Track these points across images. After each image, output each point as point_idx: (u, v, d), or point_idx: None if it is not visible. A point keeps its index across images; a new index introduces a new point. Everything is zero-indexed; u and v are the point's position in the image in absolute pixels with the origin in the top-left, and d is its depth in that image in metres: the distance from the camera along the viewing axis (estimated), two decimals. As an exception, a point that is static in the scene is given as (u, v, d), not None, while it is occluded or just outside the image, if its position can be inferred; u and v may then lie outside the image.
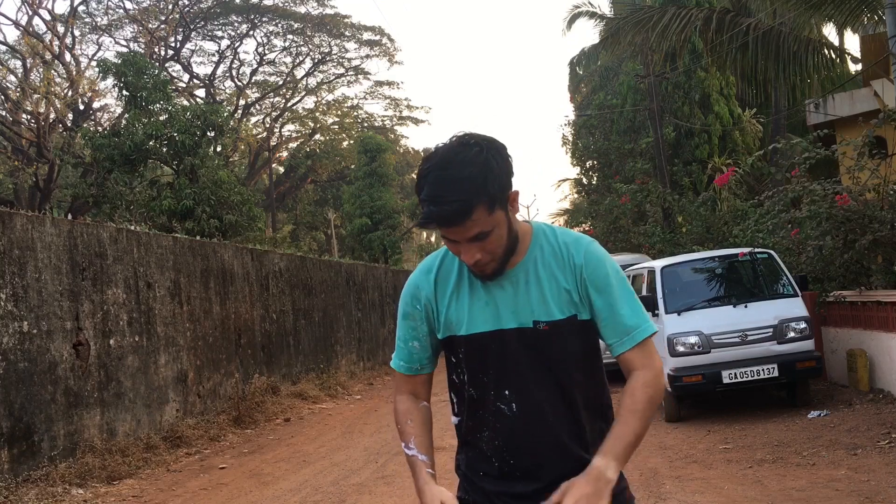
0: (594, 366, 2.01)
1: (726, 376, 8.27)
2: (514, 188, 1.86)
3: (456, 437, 2.15)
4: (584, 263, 1.93)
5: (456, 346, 1.99)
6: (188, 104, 20.31)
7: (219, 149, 23.80)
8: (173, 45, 31.04)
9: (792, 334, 8.40)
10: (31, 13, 24.08)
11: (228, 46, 33.24)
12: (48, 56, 24.47)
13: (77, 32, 27.63)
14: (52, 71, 24.08)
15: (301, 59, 34.78)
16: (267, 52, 33.97)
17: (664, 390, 2.01)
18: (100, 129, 22.51)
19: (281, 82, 35.31)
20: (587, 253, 1.94)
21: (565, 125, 31.59)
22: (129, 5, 29.01)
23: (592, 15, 24.72)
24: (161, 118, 15.92)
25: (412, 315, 2.04)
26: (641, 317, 1.95)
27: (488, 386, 1.96)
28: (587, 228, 23.70)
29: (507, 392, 1.94)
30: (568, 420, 1.95)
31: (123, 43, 29.97)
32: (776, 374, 8.25)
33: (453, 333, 1.98)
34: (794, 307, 8.63)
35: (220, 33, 32.95)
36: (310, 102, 37.23)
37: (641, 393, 1.90)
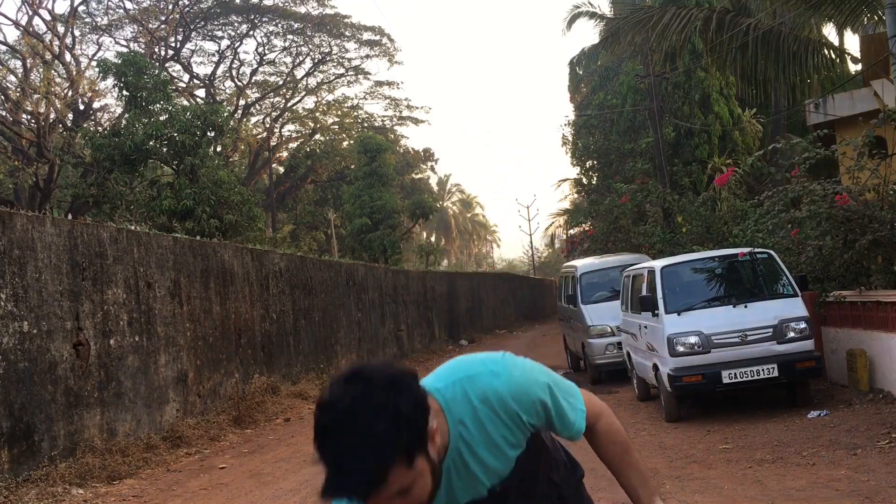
0: (553, 446, 2.00)
1: (726, 376, 8.27)
2: (431, 423, 1.60)
3: None
4: (517, 408, 1.80)
5: None
6: (188, 104, 20.31)
7: (219, 149, 23.83)
8: (173, 45, 31.04)
9: (792, 334, 8.40)
10: (31, 13, 24.09)
11: (228, 46, 33.26)
12: (48, 56, 24.46)
13: (77, 32, 27.65)
14: (52, 71, 24.08)
15: (301, 59, 34.81)
16: (267, 52, 33.99)
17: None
18: (100, 129, 22.52)
19: (281, 82, 35.32)
20: (513, 395, 1.79)
21: (565, 125, 31.61)
22: (129, 5, 29.04)
23: (592, 15, 24.72)
24: (161, 118, 15.92)
25: None
26: (577, 398, 1.95)
27: None
28: (587, 228, 23.71)
29: None
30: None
31: (123, 43, 29.99)
32: (776, 374, 8.25)
33: None
34: (793, 307, 8.62)
35: (220, 33, 32.97)
36: (310, 102, 37.27)
37: (619, 438, 2.01)
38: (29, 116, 23.85)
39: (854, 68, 15.42)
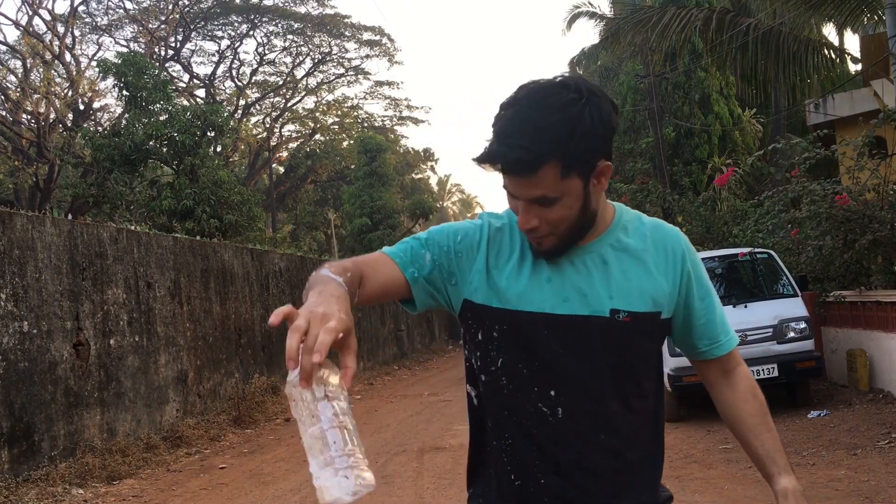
0: (660, 376, 1.65)
1: (726, 376, 8.27)
2: (607, 160, 1.48)
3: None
4: (685, 252, 1.60)
5: (492, 320, 1.54)
6: (188, 104, 20.31)
7: (219, 149, 23.82)
8: (173, 45, 31.03)
9: (792, 334, 8.41)
10: (31, 13, 24.09)
11: (228, 46, 33.23)
12: (48, 56, 24.46)
13: (77, 32, 27.63)
14: (52, 71, 24.08)
15: (301, 59, 34.77)
16: (267, 52, 33.96)
17: None
18: (100, 129, 22.51)
19: (281, 82, 35.29)
20: (687, 243, 1.61)
21: (565, 125, 31.56)
22: (129, 5, 29.02)
23: (592, 15, 24.73)
24: (161, 118, 15.92)
25: (444, 238, 1.58)
26: (729, 324, 1.72)
27: (529, 381, 1.52)
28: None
29: (552, 392, 1.51)
30: (638, 438, 1.57)
31: (123, 43, 29.97)
32: (776, 374, 8.25)
33: (493, 305, 1.54)
34: (793, 307, 8.63)
35: (220, 33, 32.93)
36: (310, 102, 37.23)
37: (761, 394, 1.67)
38: (29, 116, 23.85)
39: (854, 68, 15.42)
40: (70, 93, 24.18)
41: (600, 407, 1.51)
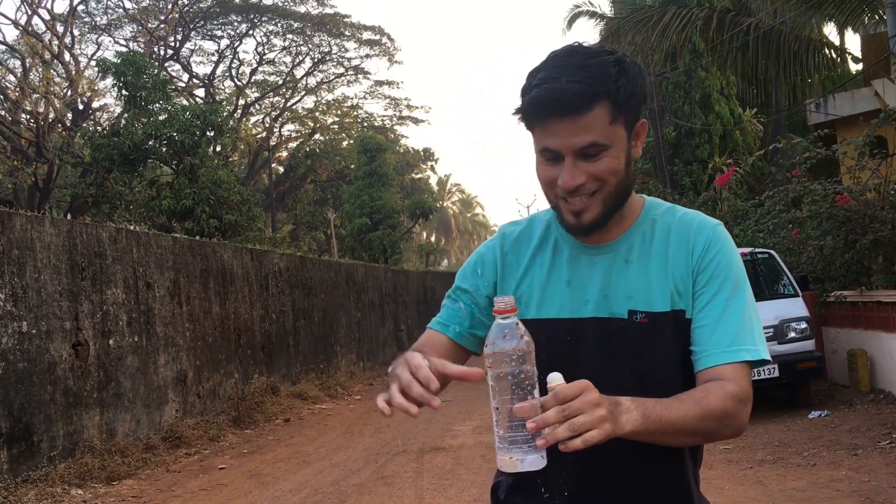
0: (691, 377, 1.49)
1: (727, 376, 8.25)
2: (641, 119, 1.45)
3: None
4: (706, 247, 1.48)
5: None
6: (188, 104, 20.28)
7: (218, 149, 23.79)
8: (173, 44, 31.00)
9: (792, 334, 8.39)
10: (30, 12, 24.07)
11: (228, 46, 33.22)
12: (47, 56, 24.45)
13: (76, 32, 27.61)
14: (52, 70, 24.06)
15: (301, 58, 34.76)
16: (266, 51, 33.95)
17: (739, 428, 1.45)
18: (99, 128, 22.48)
19: (281, 82, 35.28)
20: (714, 235, 1.50)
21: (565, 125, 31.53)
22: (128, 5, 29.01)
23: (593, 14, 24.69)
24: (160, 118, 15.89)
25: (468, 280, 1.62)
26: (754, 337, 1.44)
27: None
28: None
29: None
30: (661, 453, 1.47)
31: (123, 42, 29.95)
32: (777, 374, 8.24)
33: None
34: (794, 307, 8.62)
35: (219, 33, 32.92)
36: (309, 102, 37.22)
37: (718, 397, 1.38)
38: (28, 116, 23.84)
39: (855, 68, 15.41)
40: (69, 92, 24.16)
41: None
